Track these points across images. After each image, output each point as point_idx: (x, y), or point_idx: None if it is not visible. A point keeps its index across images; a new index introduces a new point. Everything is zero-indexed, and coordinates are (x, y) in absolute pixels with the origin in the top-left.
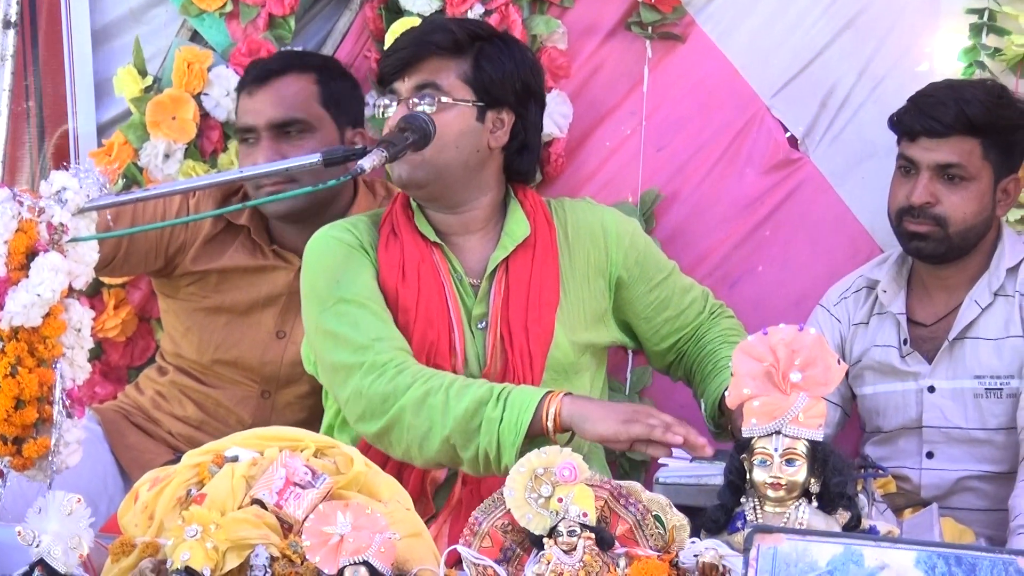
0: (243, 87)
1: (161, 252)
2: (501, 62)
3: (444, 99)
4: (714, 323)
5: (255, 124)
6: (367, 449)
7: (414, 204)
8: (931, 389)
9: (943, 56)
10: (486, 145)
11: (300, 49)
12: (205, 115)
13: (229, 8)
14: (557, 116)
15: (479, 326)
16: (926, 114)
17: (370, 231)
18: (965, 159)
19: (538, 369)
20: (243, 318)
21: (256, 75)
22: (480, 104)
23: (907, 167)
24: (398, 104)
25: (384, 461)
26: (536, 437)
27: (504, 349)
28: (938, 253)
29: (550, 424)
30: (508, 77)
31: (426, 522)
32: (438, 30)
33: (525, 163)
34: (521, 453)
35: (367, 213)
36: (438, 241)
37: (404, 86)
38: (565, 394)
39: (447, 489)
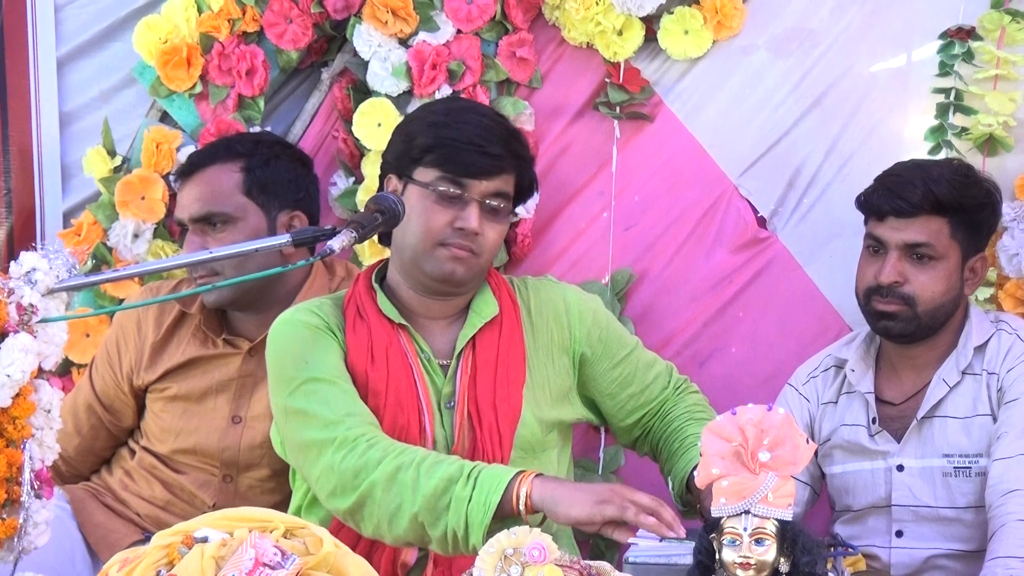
0: (176, 179)
1: (125, 390)
2: (532, 169)
3: (509, 209)
4: (679, 399)
5: (182, 218)
6: (338, 530)
7: (376, 285)
8: (900, 468)
9: (910, 135)
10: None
11: (250, 131)
12: (174, 195)
13: (199, 89)
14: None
15: (447, 405)
16: (894, 194)
17: (335, 313)
18: (933, 238)
19: (507, 447)
20: (198, 405)
21: (183, 168)
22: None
23: (875, 247)
24: (470, 204)
25: (355, 542)
26: (506, 517)
27: (472, 427)
28: (907, 332)
29: (521, 506)
30: (534, 181)
31: None
32: (519, 139)
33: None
34: (491, 533)
35: (329, 296)
36: (403, 323)
37: (481, 187)
38: (536, 475)
39: (419, 571)
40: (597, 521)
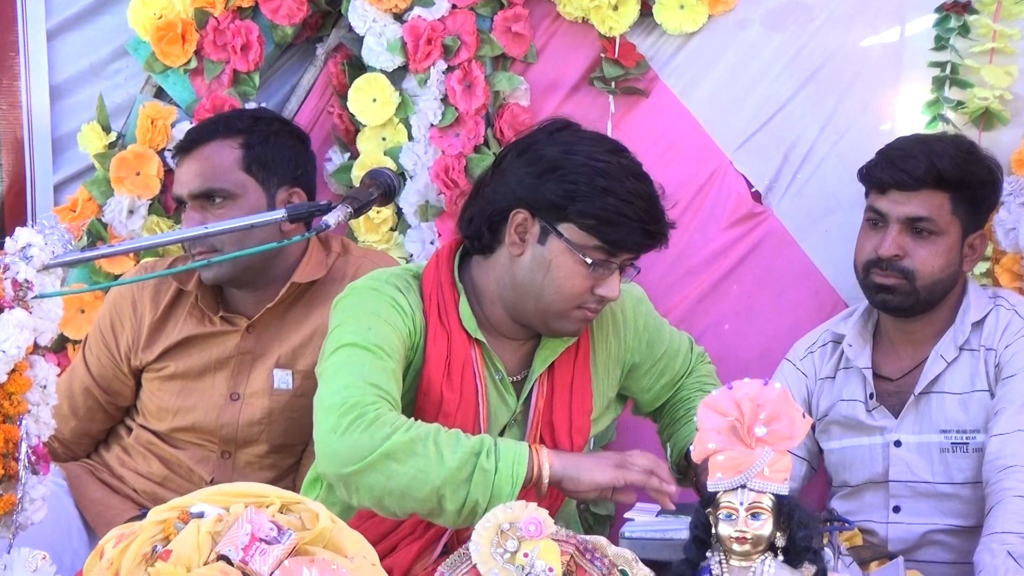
0: (175, 155)
1: (124, 370)
2: None
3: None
4: (692, 370)
5: (180, 194)
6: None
7: (459, 285)
8: (897, 443)
9: (906, 109)
10: None
11: (249, 107)
12: (169, 171)
13: (193, 64)
14: None
15: (512, 422)
16: (897, 167)
17: (419, 305)
18: (935, 213)
19: None
20: (196, 383)
21: (182, 144)
22: None
23: (876, 219)
24: (613, 272)
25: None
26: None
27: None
28: (905, 306)
29: (545, 477)
30: None
31: None
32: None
33: None
34: None
35: (410, 272)
36: (480, 339)
37: (623, 258)
38: (546, 448)
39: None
40: (620, 485)
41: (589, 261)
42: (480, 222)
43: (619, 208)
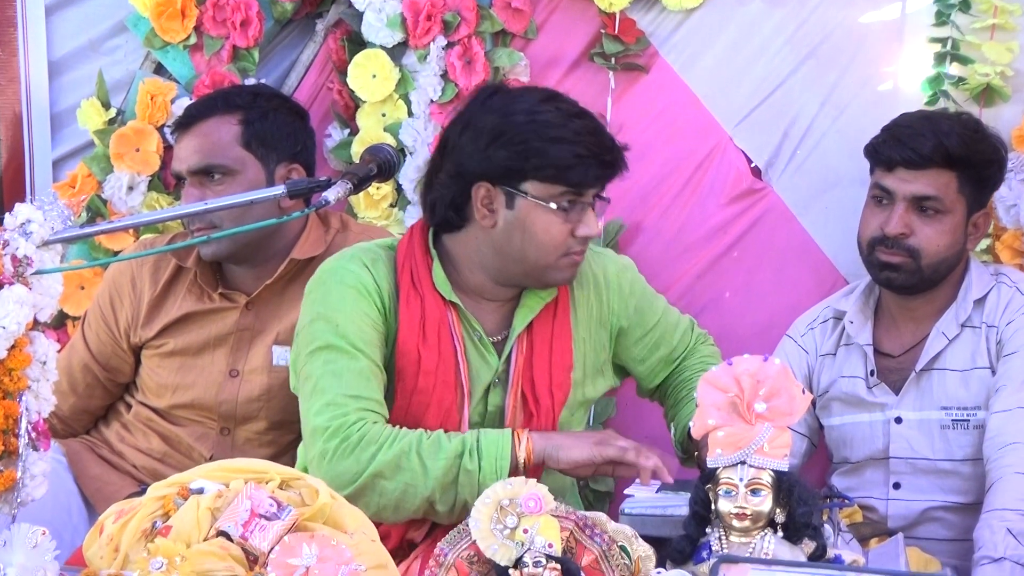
0: (174, 131)
1: (123, 347)
2: None
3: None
4: (694, 351)
5: (179, 170)
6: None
7: (434, 253)
8: (898, 420)
9: (906, 86)
10: None
11: (249, 83)
12: (169, 147)
13: (193, 40)
14: None
15: (495, 383)
16: (905, 144)
17: (389, 276)
18: (942, 192)
19: (551, 428)
20: (195, 360)
21: (181, 120)
22: None
23: (881, 197)
24: (586, 208)
25: None
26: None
27: (527, 408)
28: (909, 284)
29: (522, 462)
30: None
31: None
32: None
33: None
34: None
35: (383, 247)
36: (455, 301)
37: (591, 192)
38: (528, 431)
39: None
40: (597, 462)
41: (559, 208)
42: (444, 207)
43: (572, 151)
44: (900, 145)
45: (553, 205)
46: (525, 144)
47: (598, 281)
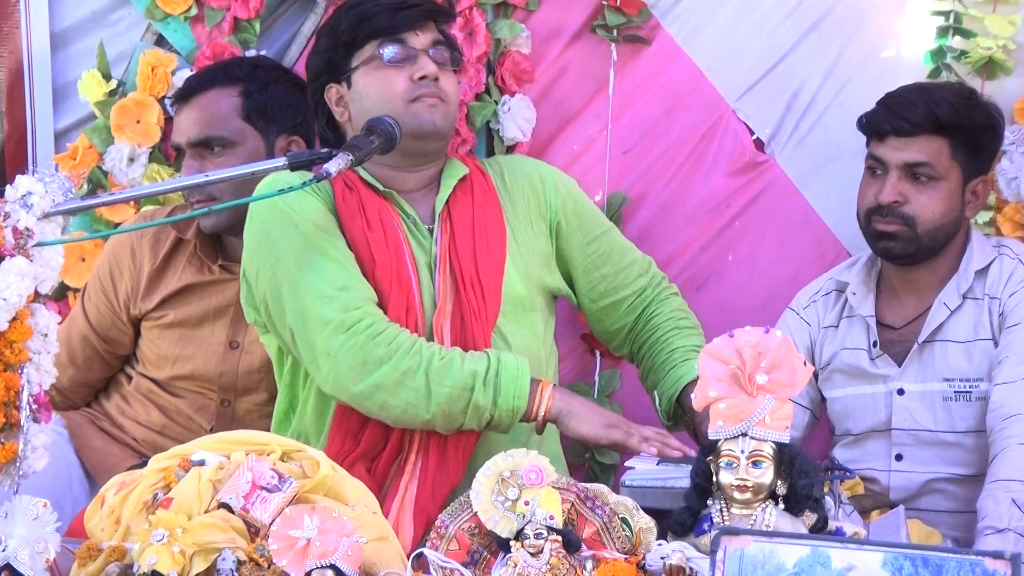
0: (174, 103)
1: (123, 319)
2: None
3: (458, 58)
4: (662, 303)
5: (179, 142)
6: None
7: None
8: (900, 392)
9: (908, 58)
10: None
11: (249, 54)
12: (169, 119)
13: (194, 12)
14: (520, 120)
15: (431, 268)
16: (895, 113)
17: (320, 185)
18: (934, 158)
19: (493, 303)
20: (195, 331)
21: (180, 92)
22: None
23: (875, 167)
24: (419, 55)
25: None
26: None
27: (456, 286)
28: (907, 253)
29: (541, 413)
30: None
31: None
32: None
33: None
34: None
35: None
36: (388, 191)
37: (420, 40)
38: (552, 386)
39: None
40: (601, 442)
41: (387, 61)
42: (322, 130)
43: (370, 5)
44: (890, 114)
45: (379, 59)
46: (335, 28)
47: (531, 178)
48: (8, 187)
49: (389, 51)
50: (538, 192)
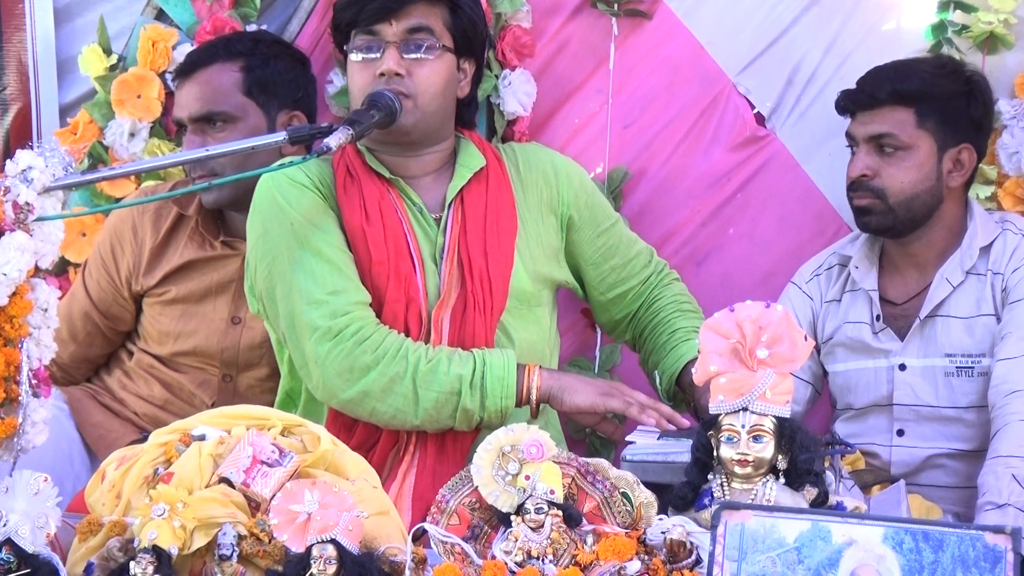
0: (175, 78)
1: (124, 295)
2: (472, 9)
3: (438, 44)
4: (664, 288)
5: (180, 117)
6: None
7: (362, 147)
8: (902, 367)
9: (910, 33)
10: (455, 94)
11: (250, 29)
12: (170, 94)
13: None
14: (521, 95)
15: (437, 257)
16: (860, 89)
17: (322, 171)
18: (897, 128)
19: (499, 297)
20: (197, 307)
21: (182, 67)
22: (455, 52)
23: (851, 145)
24: (386, 48)
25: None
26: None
27: (463, 278)
28: (884, 226)
29: (533, 396)
30: (478, 25)
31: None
32: None
33: (471, 114)
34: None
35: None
36: (393, 178)
37: (392, 30)
38: (539, 367)
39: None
40: (599, 411)
41: (358, 43)
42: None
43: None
44: (856, 91)
45: (355, 55)
46: (334, 9)
47: (545, 169)
48: (8, 161)
49: (357, 44)
50: (551, 185)
